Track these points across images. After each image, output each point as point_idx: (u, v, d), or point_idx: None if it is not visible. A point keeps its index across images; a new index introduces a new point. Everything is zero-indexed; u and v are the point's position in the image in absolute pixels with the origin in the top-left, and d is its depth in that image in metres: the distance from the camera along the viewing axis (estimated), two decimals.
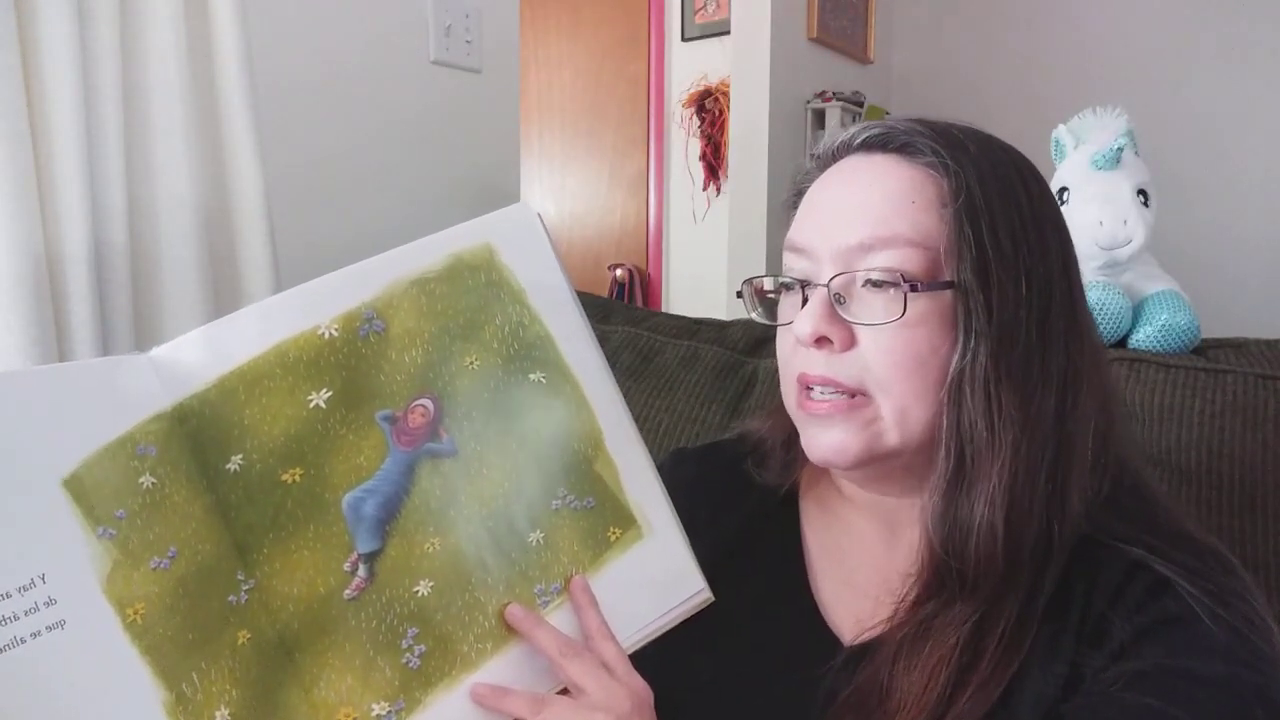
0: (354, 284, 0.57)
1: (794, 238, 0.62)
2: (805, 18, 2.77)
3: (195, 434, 0.52)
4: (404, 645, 0.55)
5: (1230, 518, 0.84)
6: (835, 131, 0.65)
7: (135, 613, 0.49)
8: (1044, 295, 0.57)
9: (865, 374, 0.58)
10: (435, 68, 1.46)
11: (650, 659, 0.59)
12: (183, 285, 1.02)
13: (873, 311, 0.57)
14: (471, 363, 0.59)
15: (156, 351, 0.53)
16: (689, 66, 3.31)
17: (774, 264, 0.67)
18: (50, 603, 0.47)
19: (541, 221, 0.62)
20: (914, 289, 0.56)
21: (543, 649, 0.56)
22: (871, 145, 0.61)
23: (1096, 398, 0.60)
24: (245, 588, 0.52)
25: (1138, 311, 1.02)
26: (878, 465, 0.60)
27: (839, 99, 2.77)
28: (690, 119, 3.30)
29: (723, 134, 3.17)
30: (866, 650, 0.60)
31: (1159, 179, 1.04)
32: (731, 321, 1.28)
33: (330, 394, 0.55)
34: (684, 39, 3.32)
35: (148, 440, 0.51)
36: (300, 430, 0.54)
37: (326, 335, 0.56)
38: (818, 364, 0.59)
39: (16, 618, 0.46)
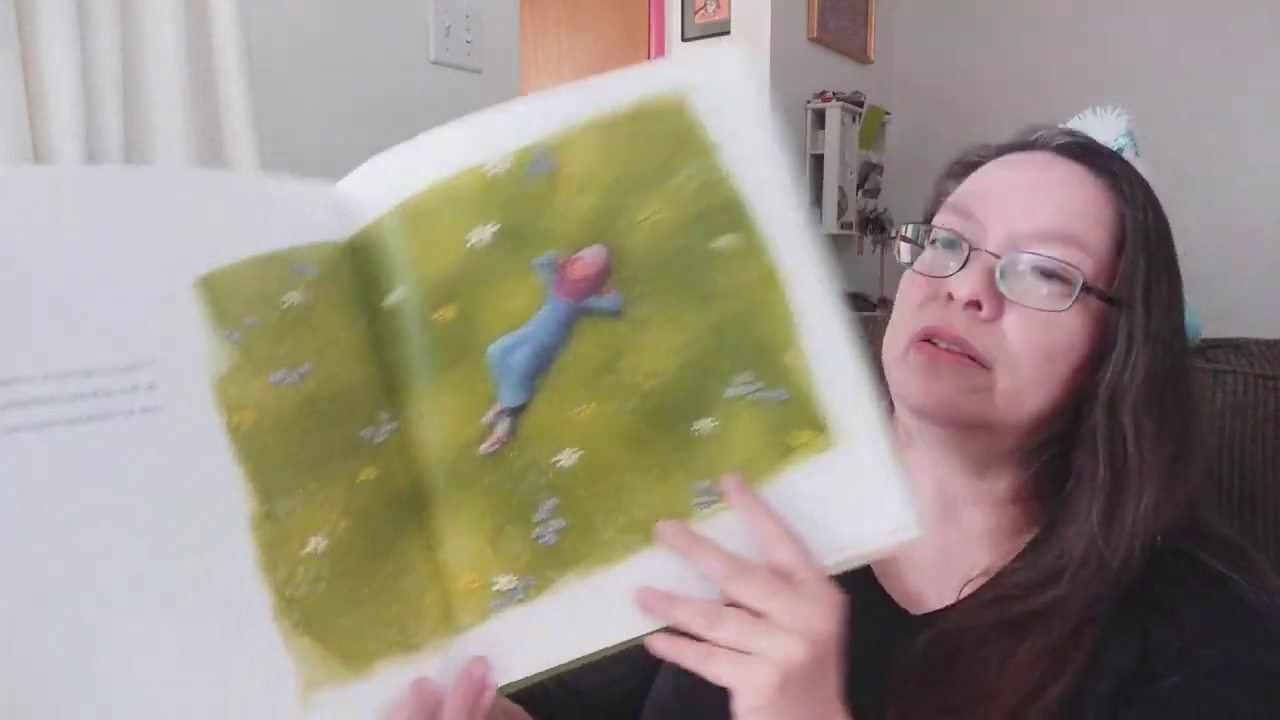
0: (527, 120, 0.52)
1: (965, 201, 0.63)
2: (805, 18, 2.77)
3: (363, 267, 0.51)
4: (538, 518, 0.49)
5: (1230, 518, 0.84)
6: (1027, 129, 0.69)
7: (242, 418, 0.47)
8: (1180, 320, 0.63)
9: (997, 349, 0.59)
10: (435, 68, 1.46)
11: None
12: None
13: (1033, 296, 0.59)
14: (649, 217, 0.52)
15: (340, 184, 0.53)
16: None
17: None
18: (151, 387, 0.45)
19: (751, 71, 0.54)
20: (1086, 289, 0.58)
21: (707, 571, 0.47)
22: (1066, 150, 0.64)
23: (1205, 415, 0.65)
24: (387, 428, 0.49)
25: None
26: (963, 434, 0.61)
27: (839, 99, 2.78)
28: None
29: None
30: (939, 625, 0.60)
31: (1159, 178, 1.03)
32: None
33: (493, 230, 0.51)
34: (684, 39, 3.31)
35: (307, 261, 0.49)
36: (457, 268, 0.51)
37: (492, 173, 0.51)
38: (958, 323, 0.59)
39: (110, 393, 0.44)
